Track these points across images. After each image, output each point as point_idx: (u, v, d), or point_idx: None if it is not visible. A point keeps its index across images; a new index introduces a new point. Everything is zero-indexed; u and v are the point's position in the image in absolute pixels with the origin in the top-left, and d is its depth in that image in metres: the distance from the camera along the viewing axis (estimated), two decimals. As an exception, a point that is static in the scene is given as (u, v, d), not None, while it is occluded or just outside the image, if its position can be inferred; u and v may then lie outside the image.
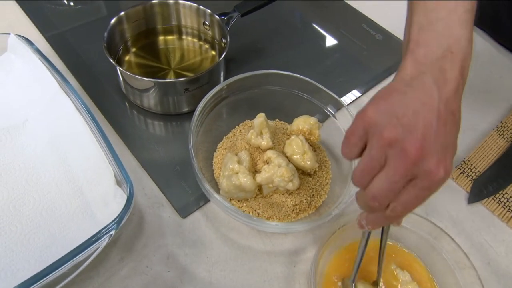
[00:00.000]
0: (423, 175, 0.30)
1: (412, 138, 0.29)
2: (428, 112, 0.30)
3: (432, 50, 0.32)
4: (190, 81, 0.52)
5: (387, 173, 0.31)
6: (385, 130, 0.30)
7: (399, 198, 0.31)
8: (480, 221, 0.51)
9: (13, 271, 0.41)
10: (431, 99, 0.30)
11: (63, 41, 0.65)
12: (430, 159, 0.29)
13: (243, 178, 0.44)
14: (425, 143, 0.29)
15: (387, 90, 0.32)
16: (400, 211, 0.32)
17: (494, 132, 0.60)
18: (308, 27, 0.74)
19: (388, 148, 0.30)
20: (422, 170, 0.30)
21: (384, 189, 0.31)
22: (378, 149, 0.31)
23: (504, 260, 0.48)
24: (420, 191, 0.31)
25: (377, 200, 0.32)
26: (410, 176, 0.30)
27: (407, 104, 0.31)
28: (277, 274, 0.45)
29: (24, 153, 0.50)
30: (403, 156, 0.30)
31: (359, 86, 0.65)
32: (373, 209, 0.34)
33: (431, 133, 0.30)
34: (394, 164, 0.30)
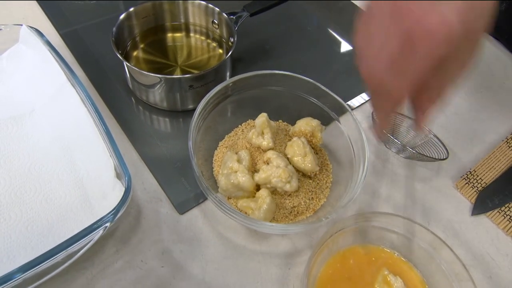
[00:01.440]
0: (415, 27, 0.26)
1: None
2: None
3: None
4: (196, 78, 0.53)
5: (382, 45, 0.28)
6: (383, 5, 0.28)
7: (428, 86, 0.28)
8: (483, 234, 0.50)
9: (10, 257, 0.41)
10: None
11: (75, 35, 0.66)
12: (423, 6, 0.25)
13: (241, 177, 0.44)
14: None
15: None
16: (396, 80, 0.29)
17: (504, 144, 0.59)
18: (318, 30, 0.74)
19: (388, 19, 0.28)
20: (412, 20, 0.26)
21: (375, 53, 0.29)
22: (379, 27, 0.29)
23: (507, 275, 0.47)
24: (419, 55, 0.27)
25: (377, 77, 0.30)
26: (405, 34, 0.27)
27: None
28: (271, 275, 0.45)
29: (28, 142, 0.51)
30: (396, 15, 0.27)
31: (366, 92, 0.64)
32: (367, 79, 0.32)
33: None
34: (388, 30, 0.28)
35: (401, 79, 0.29)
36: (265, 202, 0.43)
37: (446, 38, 0.25)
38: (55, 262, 0.37)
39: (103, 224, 0.38)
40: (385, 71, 0.29)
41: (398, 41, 0.27)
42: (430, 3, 0.25)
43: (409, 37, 0.26)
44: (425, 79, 0.28)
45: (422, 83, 0.29)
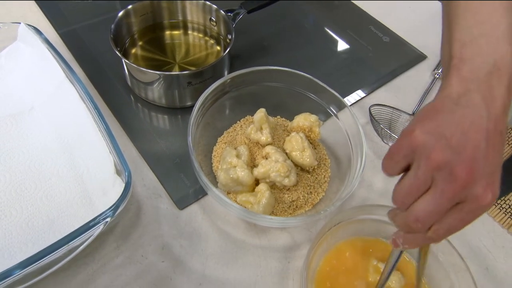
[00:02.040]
0: (471, 199, 0.29)
1: (461, 161, 0.29)
2: (477, 133, 0.29)
3: (478, 66, 0.31)
4: (194, 75, 0.53)
5: (434, 196, 0.30)
6: (434, 152, 0.29)
7: (443, 220, 0.31)
8: (480, 226, 0.51)
9: (11, 253, 0.41)
10: (480, 118, 0.29)
11: (74, 34, 0.66)
12: (479, 183, 0.29)
13: (240, 172, 0.44)
14: (475, 166, 0.29)
15: (434, 108, 0.31)
16: (442, 234, 0.31)
17: (499, 138, 0.59)
18: (314, 27, 0.74)
19: (436, 171, 0.30)
20: (470, 194, 0.29)
21: (429, 211, 0.30)
22: (425, 171, 0.30)
23: (502, 267, 0.48)
24: (465, 215, 0.30)
25: (421, 222, 0.31)
26: (457, 200, 0.30)
27: (455, 123, 0.30)
28: (271, 269, 0.45)
29: (28, 139, 0.51)
30: (452, 179, 0.29)
31: (364, 87, 0.65)
32: (413, 230, 0.33)
33: (480, 156, 0.29)
34: (442, 187, 0.29)
35: (448, 234, 0.32)
36: (264, 196, 0.44)
37: (491, 206, 0.30)
38: (56, 257, 0.38)
39: (104, 219, 0.39)
40: (431, 223, 0.31)
41: (451, 204, 0.30)
42: (487, 182, 0.29)
43: (460, 202, 0.30)
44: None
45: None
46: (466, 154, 0.29)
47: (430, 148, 0.30)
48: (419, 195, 0.31)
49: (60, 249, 0.37)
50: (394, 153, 0.32)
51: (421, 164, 0.30)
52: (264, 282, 0.44)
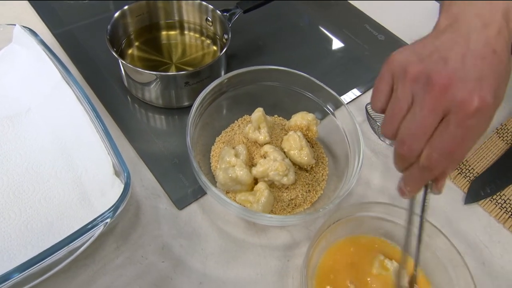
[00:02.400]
0: (455, 108, 0.26)
1: (439, 68, 0.27)
2: (461, 47, 0.27)
3: (468, 2, 0.29)
4: (191, 75, 0.53)
5: (413, 110, 0.28)
6: (409, 66, 0.28)
7: (432, 142, 0.28)
8: (476, 222, 0.51)
9: (10, 256, 0.41)
10: (466, 39, 0.28)
11: (69, 35, 0.66)
12: (462, 87, 0.26)
13: (239, 171, 0.45)
14: (454, 72, 0.26)
15: (417, 40, 0.30)
16: (435, 159, 0.28)
17: (494, 135, 0.60)
18: (310, 26, 0.75)
19: (414, 84, 0.28)
20: (453, 101, 0.26)
21: (411, 128, 0.28)
22: (403, 88, 0.28)
23: (499, 261, 0.48)
24: (454, 129, 0.27)
25: (406, 144, 0.29)
26: (441, 112, 0.27)
27: (437, 44, 0.28)
28: (271, 268, 0.45)
29: (25, 141, 0.51)
30: (429, 88, 0.27)
31: (359, 85, 0.65)
32: (404, 159, 0.30)
33: (462, 63, 0.27)
34: (421, 99, 0.27)
35: (443, 158, 0.29)
36: (263, 195, 0.44)
37: (485, 116, 0.27)
38: (56, 259, 0.38)
39: (104, 220, 0.39)
40: (421, 147, 0.29)
41: (435, 117, 0.27)
42: (473, 86, 0.26)
43: (447, 114, 0.27)
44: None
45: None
46: (446, 63, 0.27)
47: (405, 64, 0.29)
48: (403, 117, 0.29)
49: (59, 251, 0.37)
50: (377, 83, 0.32)
51: (399, 83, 0.29)
52: (264, 280, 0.44)
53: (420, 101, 0.27)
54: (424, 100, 0.27)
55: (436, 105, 0.27)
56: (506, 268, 0.48)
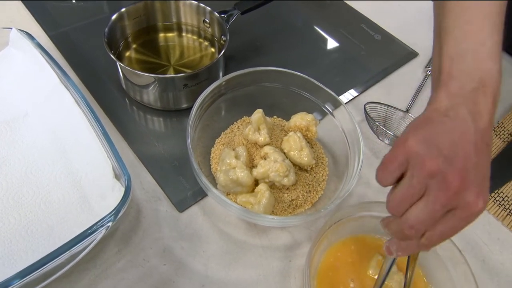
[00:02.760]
0: (463, 206, 0.30)
1: (453, 169, 0.30)
2: (467, 143, 0.31)
3: (465, 83, 0.33)
4: (189, 77, 0.53)
5: (427, 203, 0.31)
6: (427, 161, 0.31)
7: (436, 227, 0.32)
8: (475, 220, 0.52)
9: (11, 261, 0.41)
10: (468, 130, 0.31)
11: (65, 37, 0.66)
12: (471, 191, 0.30)
13: (240, 173, 0.45)
14: (466, 175, 0.30)
15: (425, 119, 0.33)
16: (435, 240, 0.33)
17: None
18: (307, 26, 0.75)
19: (430, 179, 0.31)
20: (462, 201, 0.30)
21: (423, 218, 0.31)
22: (419, 179, 0.31)
23: (498, 258, 0.49)
24: (458, 221, 0.31)
25: (415, 229, 0.32)
26: (450, 207, 0.31)
27: (446, 134, 0.31)
28: (273, 268, 0.45)
29: (23, 146, 0.51)
30: (445, 187, 0.30)
31: (356, 86, 0.65)
32: (407, 237, 0.33)
33: (471, 165, 0.30)
34: (436, 194, 0.31)
35: (440, 240, 0.33)
36: (265, 196, 0.44)
37: (482, 212, 0.31)
38: (58, 264, 0.37)
39: (106, 223, 0.39)
40: (424, 230, 0.32)
41: (444, 211, 0.31)
42: (479, 189, 0.30)
43: (452, 209, 0.31)
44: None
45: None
46: (458, 163, 0.30)
47: (423, 157, 0.31)
48: (413, 203, 0.32)
49: (62, 256, 0.37)
50: (388, 163, 0.33)
51: (415, 172, 0.32)
52: (266, 281, 0.44)
53: (434, 195, 0.31)
54: (438, 196, 0.31)
55: (448, 202, 0.30)
56: (506, 265, 0.48)
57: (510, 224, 0.51)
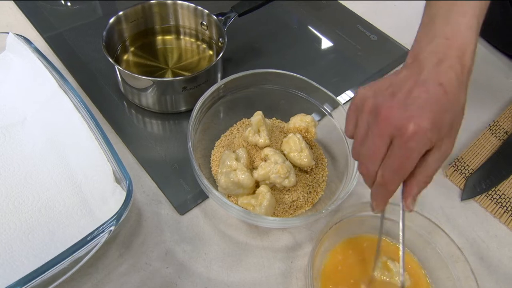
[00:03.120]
0: (397, 133, 0.31)
1: (386, 101, 0.32)
2: (410, 83, 0.33)
3: (427, 40, 0.35)
4: (188, 80, 0.53)
5: (367, 138, 0.34)
6: (366, 100, 0.34)
7: (383, 163, 0.33)
8: (473, 217, 0.52)
9: (13, 267, 0.41)
10: (418, 75, 0.33)
11: (61, 41, 0.65)
12: (400, 115, 0.31)
13: (241, 175, 0.45)
14: (397, 103, 0.32)
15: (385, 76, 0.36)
16: (388, 177, 0.33)
17: (487, 131, 0.61)
18: (303, 28, 0.75)
19: (368, 115, 0.34)
20: (394, 127, 0.31)
21: (366, 151, 0.34)
22: (361, 119, 0.34)
23: (496, 255, 0.49)
24: (398, 150, 0.32)
25: (363, 165, 0.35)
26: (387, 137, 0.32)
27: (393, 80, 0.34)
28: (275, 269, 0.46)
29: (23, 151, 0.50)
30: (376, 117, 0.33)
31: (353, 87, 0.66)
32: (365, 177, 0.36)
33: (407, 96, 0.32)
34: (371, 127, 0.33)
35: (393, 175, 0.33)
36: (266, 198, 0.44)
37: (423, 138, 0.31)
38: (61, 269, 0.37)
39: (109, 227, 0.39)
40: (376, 168, 0.34)
41: (383, 142, 0.32)
42: (411, 114, 0.31)
43: (391, 140, 0.32)
44: (412, 170, 0.33)
45: (411, 174, 0.34)
46: (393, 97, 0.32)
47: (363, 99, 0.34)
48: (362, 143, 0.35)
49: (65, 261, 0.37)
50: (347, 114, 0.37)
51: (359, 115, 0.35)
52: (268, 282, 0.45)
53: (371, 129, 0.33)
54: (373, 128, 0.33)
55: (381, 131, 0.32)
56: (504, 262, 0.49)
57: (507, 221, 0.52)
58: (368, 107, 0.33)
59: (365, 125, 0.34)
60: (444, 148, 0.33)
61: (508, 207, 0.53)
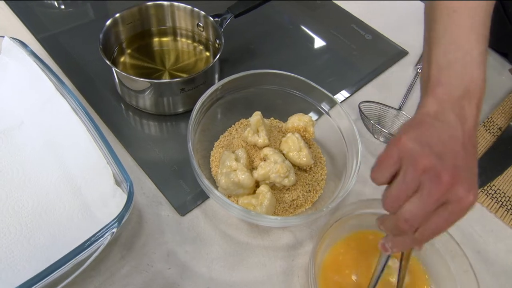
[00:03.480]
0: (455, 201, 0.32)
1: (445, 165, 0.32)
2: (455, 143, 0.33)
3: (452, 90, 0.36)
4: (186, 82, 0.53)
5: (421, 198, 0.32)
6: (420, 158, 0.32)
7: (429, 221, 0.33)
8: (469, 213, 0.52)
9: (14, 272, 0.41)
10: (456, 132, 0.34)
11: (56, 43, 0.65)
12: (462, 185, 0.32)
13: (241, 175, 0.45)
14: (456, 171, 0.32)
15: (416, 121, 0.35)
16: (428, 235, 0.34)
17: (481, 128, 0.62)
18: (299, 28, 0.76)
19: (423, 175, 0.32)
20: (454, 195, 0.32)
21: (417, 212, 0.33)
22: (413, 175, 0.33)
23: (493, 249, 0.50)
24: (449, 216, 0.33)
25: (409, 223, 0.33)
26: (442, 201, 0.32)
27: (436, 134, 0.34)
28: (276, 268, 0.46)
29: (21, 155, 0.50)
30: (437, 182, 0.32)
31: (349, 86, 0.66)
32: (402, 232, 0.35)
33: (460, 162, 0.33)
34: (429, 189, 0.32)
35: (431, 235, 0.34)
36: (266, 198, 0.45)
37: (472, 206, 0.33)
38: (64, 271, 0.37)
39: (111, 229, 0.39)
40: (417, 224, 0.34)
41: (437, 205, 0.33)
42: (470, 185, 0.32)
43: (445, 203, 0.32)
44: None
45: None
46: (449, 160, 0.32)
47: (416, 154, 0.33)
48: (407, 199, 0.33)
49: (68, 263, 0.37)
50: (383, 160, 0.35)
51: (408, 169, 0.33)
52: (270, 281, 0.45)
53: (428, 190, 0.32)
54: (431, 191, 0.32)
55: (441, 196, 0.32)
56: (500, 255, 0.50)
57: (503, 216, 0.53)
58: (423, 166, 0.32)
59: (417, 182, 0.33)
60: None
61: (503, 202, 0.54)
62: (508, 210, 0.53)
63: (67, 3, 0.72)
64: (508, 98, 0.67)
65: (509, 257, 0.50)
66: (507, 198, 0.55)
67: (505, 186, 0.56)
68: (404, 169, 0.33)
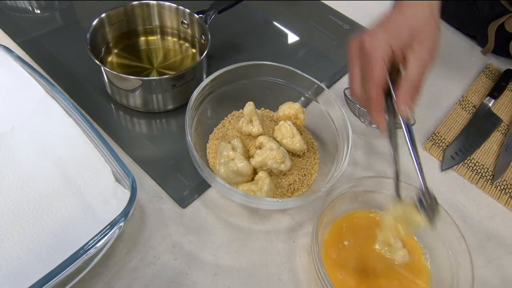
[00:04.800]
0: (360, 48, 0.42)
1: (367, 31, 0.42)
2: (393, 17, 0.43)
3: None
4: (176, 78, 0.54)
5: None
6: (362, 39, 0.43)
7: (361, 80, 0.42)
8: (453, 185, 0.57)
9: (23, 274, 0.41)
10: (401, 11, 0.43)
11: (38, 47, 0.65)
12: (363, 35, 0.42)
13: (239, 163, 0.47)
14: (372, 32, 0.42)
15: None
16: (366, 88, 0.41)
17: (458, 106, 0.66)
18: (281, 21, 0.78)
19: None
20: (360, 44, 0.42)
21: (349, 78, 0.44)
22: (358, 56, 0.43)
23: (476, 217, 0.54)
24: (365, 62, 0.41)
25: (351, 83, 0.44)
26: (357, 57, 0.43)
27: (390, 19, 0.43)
28: (279, 250, 0.48)
29: (15, 159, 0.50)
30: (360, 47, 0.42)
31: (332, 74, 0.69)
32: (359, 100, 0.45)
33: (380, 23, 0.42)
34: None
35: (369, 86, 0.41)
36: (265, 183, 0.46)
37: (379, 45, 0.41)
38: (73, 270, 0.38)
39: (118, 223, 0.40)
40: (358, 87, 0.43)
41: (354, 61, 0.43)
42: (367, 33, 0.42)
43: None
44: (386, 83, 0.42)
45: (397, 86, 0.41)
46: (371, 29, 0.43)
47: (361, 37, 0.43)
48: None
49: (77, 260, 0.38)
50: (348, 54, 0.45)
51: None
52: (274, 262, 0.47)
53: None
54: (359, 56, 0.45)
55: (351, 52, 0.45)
56: (483, 222, 0.54)
57: (483, 186, 0.57)
58: (361, 43, 0.43)
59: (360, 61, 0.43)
60: (419, 56, 0.40)
61: (482, 173, 0.58)
62: (487, 180, 0.57)
63: (42, 7, 0.71)
64: (479, 78, 0.72)
65: (490, 223, 0.54)
66: (485, 169, 0.59)
67: (483, 158, 0.60)
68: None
